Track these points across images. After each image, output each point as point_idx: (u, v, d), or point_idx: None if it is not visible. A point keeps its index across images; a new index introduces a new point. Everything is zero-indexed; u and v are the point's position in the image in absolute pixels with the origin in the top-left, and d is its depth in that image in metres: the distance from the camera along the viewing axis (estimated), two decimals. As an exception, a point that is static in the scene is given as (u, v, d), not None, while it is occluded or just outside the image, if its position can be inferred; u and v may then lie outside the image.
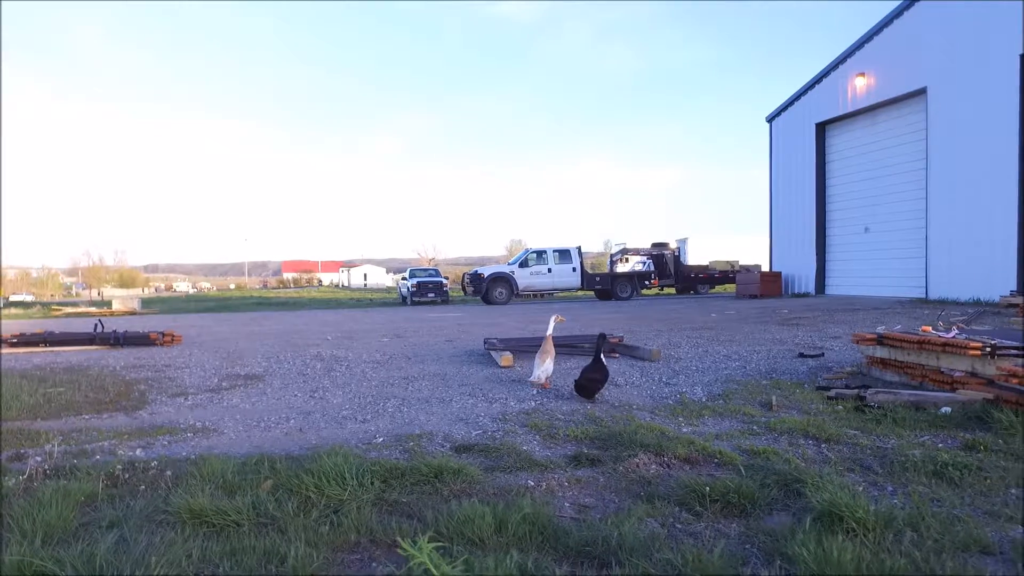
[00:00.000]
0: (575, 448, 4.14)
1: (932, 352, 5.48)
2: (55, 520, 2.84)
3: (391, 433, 4.68)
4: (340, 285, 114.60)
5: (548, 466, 3.75)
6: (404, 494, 3.28)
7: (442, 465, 3.53)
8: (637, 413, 5.07)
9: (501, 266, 28.70)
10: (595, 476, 3.59)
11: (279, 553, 2.52)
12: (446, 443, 4.36)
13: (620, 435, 4.26)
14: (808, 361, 7.52)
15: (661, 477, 3.53)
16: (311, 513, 2.97)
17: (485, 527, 2.69)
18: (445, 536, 2.69)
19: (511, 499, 3.09)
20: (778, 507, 3.06)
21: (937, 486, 3.28)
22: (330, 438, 4.58)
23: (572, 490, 3.39)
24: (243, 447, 4.37)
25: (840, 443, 4.13)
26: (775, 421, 4.66)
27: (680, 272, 32.65)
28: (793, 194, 23.85)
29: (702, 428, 4.63)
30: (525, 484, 3.44)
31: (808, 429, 4.41)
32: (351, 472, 3.37)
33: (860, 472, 3.57)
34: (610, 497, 3.28)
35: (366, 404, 5.73)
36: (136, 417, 5.45)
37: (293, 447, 4.34)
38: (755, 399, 5.49)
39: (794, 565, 2.36)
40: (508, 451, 4.04)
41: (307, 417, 5.32)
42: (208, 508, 2.94)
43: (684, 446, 3.98)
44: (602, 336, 6.05)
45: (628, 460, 3.74)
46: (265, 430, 4.92)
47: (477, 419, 5.05)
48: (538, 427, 4.67)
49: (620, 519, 2.81)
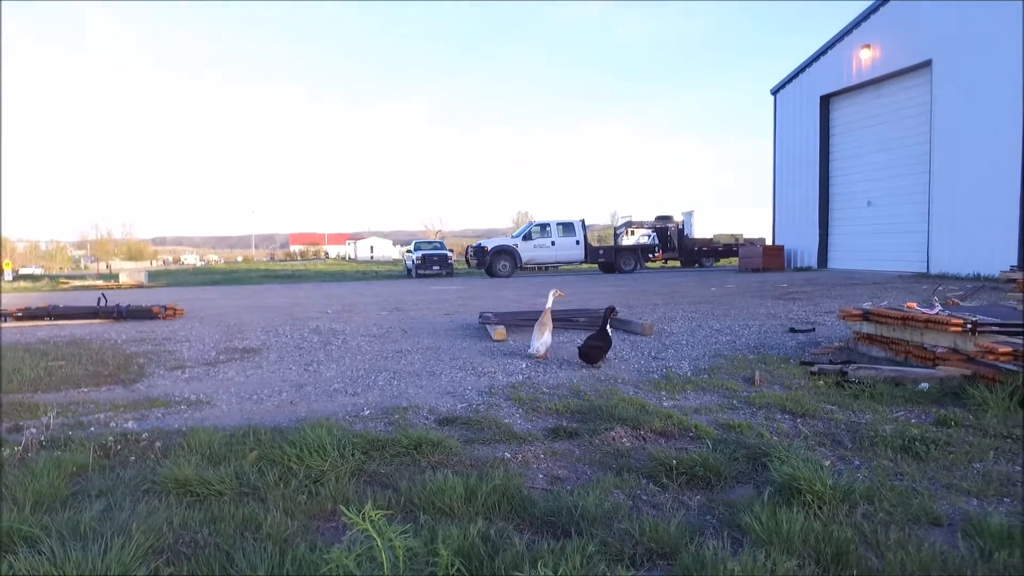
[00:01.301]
0: (555, 421, 4.24)
1: (915, 328, 5.54)
2: (46, 489, 2.96)
3: (379, 406, 4.79)
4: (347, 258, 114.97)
5: (526, 439, 3.85)
6: (383, 465, 3.39)
7: (422, 437, 3.64)
8: (621, 387, 5.17)
9: (505, 239, 28.72)
10: (571, 448, 3.70)
11: (255, 521, 2.64)
12: (431, 416, 4.48)
13: (601, 409, 4.35)
14: (798, 336, 7.60)
15: (635, 450, 3.63)
16: (291, 483, 3.09)
17: (455, 498, 2.80)
18: (417, 506, 2.80)
19: (485, 471, 3.19)
20: (744, 480, 3.16)
21: (902, 460, 3.37)
22: (320, 411, 4.69)
23: (547, 462, 3.50)
24: (234, 419, 4.49)
25: (816, 418, 4.22)
26: (755, 396, 4.75)
27: (684, 245, 32.62)
28: (797, 167, 23.74)
29: (683, 402, 4.73)
30: (502, 456, 3.55)
31: (786, 404, 4.50)
32: (333, 444, 3.48)
33: (831, 447, 3.67)
34: (583, 469, 3.39)
35: (358, 378, 5.85)
36: (133, 390, 5.58)
37: (283, 420, 4.46)
38: (739, 374, 5.58)
39: (745, 535, 2.46)
40: (490, 424, 4.15)
41: (300, 390, 5.44)
42: (193, 478, 3.06)
43: (661, 420, 4.08)
44: (611, 308, 6.49)
45: (604, 433, 3.84)
46: (257, 403, 5.04)
47: (464, 393, 5.16)
48: (522, 401, 4.77)
49: (587, 490, 2.91)
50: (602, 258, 28.46)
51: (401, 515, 2.75)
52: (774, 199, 25.41)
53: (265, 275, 37.20)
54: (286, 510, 2.78)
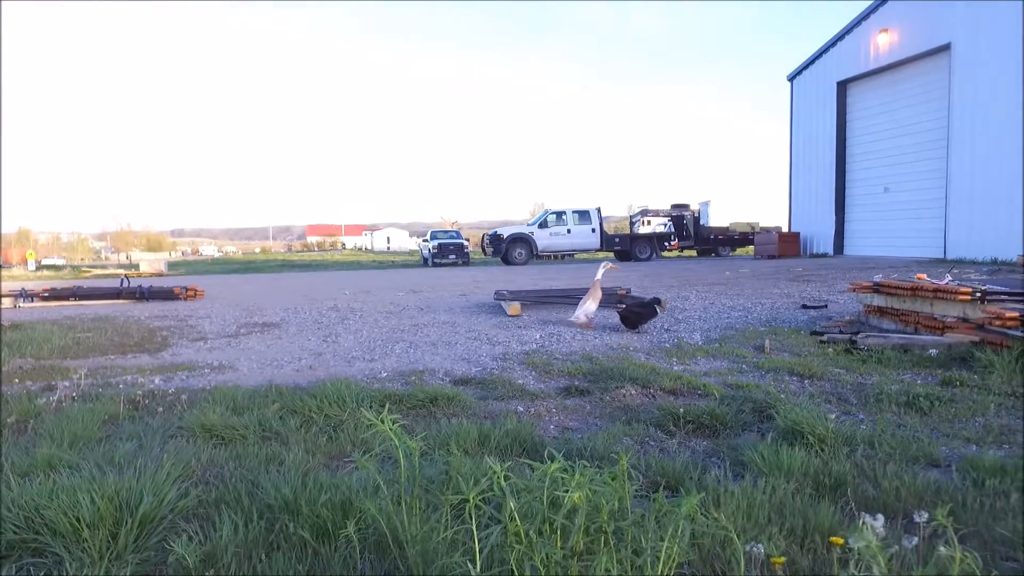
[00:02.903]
0: (568, 382, 4.35)
1: (925, 299, 5.58)
2: (81, 431, 3.12)
3: (396, 370, 4.92)
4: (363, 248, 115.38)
5: (539, 396, 3.97)
6: (401, 416, 3.50)
7: (437, 392, 3.76)
8: (633, 354, 5.27)
9: (520, 227, 28.74)
10: (582, 404, 3.81)
11: (279, 458, 2.77)
12: (446, 378, 4.60)
13: (612, 371, 4.46)
14: (810, 312, 7.65)
15: (644, 405, 3.73)
16: (311, 429, 3.22)
17: (470, 440, 2.92)
18: (433, 447, 2.92)
19: (499, 420, 3.31)
20: (749, 429, 3.25)
21: (906, 415, 3.44)
22: (338, 374, 4.82)
23: (559, 415, 3.61)
24: (256, 381, 4.63)
25: (823, 380, 4.30)
26: (765, 361, 4.84)
27: (700, 234, 32.50)
28: (813, 154, 23.60)
29: (693, 367, 4.82)
30: (515, 410, 3.67)
31: (794, 368, 4.58)
32: (351, 397, 3.62)
33: (836, 403, 3.74)
34: (593, 421, 3.50)
35: (375, 347, 5.99)
36: (158, 357, 5.75)
37: (302, 381, 4.60)
38: (749, 343, 5.66)
39: (746, 468, 2.56)
40: (503, 384, 4.27)
41: (318, 357, 5.58)
42: (218, 424, 3.21)
43: (671, 380, 4.18)
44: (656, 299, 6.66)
45: (615, 391, 3.95)
46: (278, 368, 5.19)
47: (479, 359, 5.28)
48: (535, 365, 4.89)
49: (596, 436, 3.02)
50: (618, 246, 28.43)
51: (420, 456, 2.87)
52: (790, 186, 25.28)
53: (283, 264, 37.51)
54: (307, 450, 2.91)
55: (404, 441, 1.92)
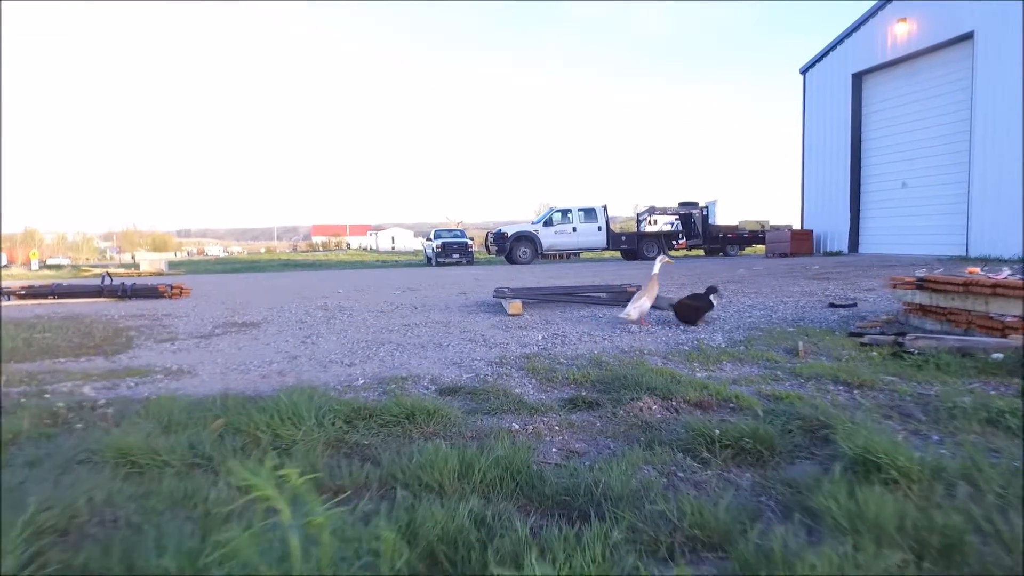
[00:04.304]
0: (573, 391, 3.70)
1: (980, 296, 4.91)
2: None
3: (376, 376, 4.27)
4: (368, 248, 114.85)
5: (539, 409, 3.31)
6: (368, 435, 2.87)
7: (416, 405, 3.10)
8: (648, 358, 4.61)
9: (525, 225, 28.04)
10: (591, 420, 3.15)
11: (198, 496, 2.12)
12: (432, 386, 3.95)
13: (625, 379, 3.79)
14: (839, 311, 6.97)
15: (666, 422, 3.07)
16: (252, 453, 2.57)
17: (447, 472, 2.27)
18: (399, 481, 2.27)
19: (487, 443, 2.66)
20: (801, 455, 2.59)
21: (993, 435, 2.78)
22: (310, 380, 4.18)
23: (562, 435, 2.95)
24: (212, 389, 3.99)
25: (875, 389, 3.63)
26: (801, 367, 4.17)
27: (708, 232, 31.73)
28: (827, 149, 22.85)
29: (719, 373, 4.16)
30: (509, 427, 3.02)
31: (839, 374, 3.91)
32: (311, 411, 2.97)
33: (899, 419, 3.08)
34: (605, 442, 2.84)
35: (358, 350, 5.34)
36: (113, 361, 5.12)
37: (266, 389, 3.96)
38: (779, 345, 4.99)
39: (818, 520, 1.90)
40: (497, 394, 3.62)
41: (292, 361, 4.94)
42: (138, 447, 2.56)
43: (696, 390, 3.51)
44: (712, 288, 6.21)
45: (630, 404, 3.29)
46: (243, 373, 4.55)
47: (472, 363, 4.63)
48: (536, 371, 4.23)
49: (610, 465, 2.36)
50: (624, 245, 27.77)
51: (378, 491, 2.23)
52: (802, 182, 24.54)
53: (285, 264, 36.97)
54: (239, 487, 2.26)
55: (307, 511, 1.25)
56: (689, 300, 6.17)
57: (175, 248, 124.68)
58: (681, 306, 6.12)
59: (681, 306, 6.12)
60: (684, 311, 6.08)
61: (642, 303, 6.10)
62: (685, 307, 6.10)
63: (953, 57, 17.72)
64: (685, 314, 6.06)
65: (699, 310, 6.05)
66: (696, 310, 6.05)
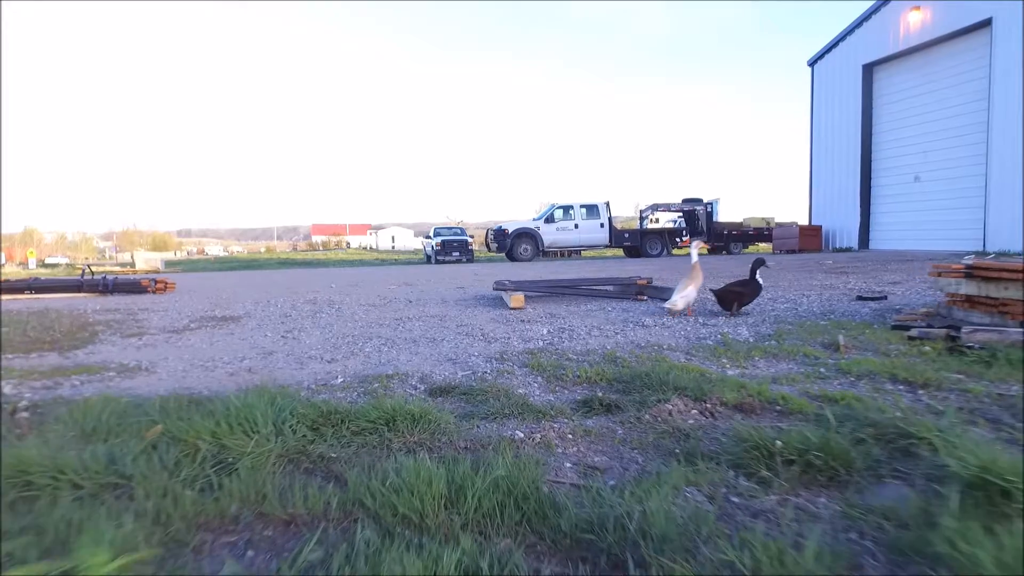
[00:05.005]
0: (587, 391, 3.14)
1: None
2: None
3: (358, 374, 3.72)
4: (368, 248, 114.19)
5: (548, 413, 2.75)
6: (338, 447, 2.32)
7: (397, 408, 2.55)
8: (668, 353, 4.05)
9: (526, 222, 27.43)
10: (611, 426, 2.59)
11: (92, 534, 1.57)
12: (421, 385, 3.39)
13: (647, 376, 3.23)
14: (869, 304, 6.41)
15: (704, 428, 2.52)
16: (183, 471, 2.02)
17: (431, 497, 1.72)
18: (367, 510, 1.72)
19: (485, 456, 2.11)
20: (884, 471, 2.04)
21: (1112, 445, 2.22)
22: (283, 379, 3.64)
23: (578, 445, 2.40)
24: (168, 388, 3.45)
25: (942, 389, 3.07)
26: (848, 363, 3.61)
27: (712, 229, 31.13)
28: (836, 143, 22.26)
29: (753, 371, 3.60)
30: (512, 435, 2.46)
31: (895, 372, 3.35)
32: (269, 416, 2.41)
33: (986, 426, 2.52)
34: (631, 455, 2.29)
35: (342, 345, 4.79)
36: (69, 357, 4.57)
37: (231, 388, 3.40)
38: (815, 339, 4.43)
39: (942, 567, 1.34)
40: (497, 394, 3.06)
41: (267, 357, 4.39)
42: (39, 462, 2.01)
43: (733, 390, 2.96)
44: (759, 260, 5.88)
45: (657, 406, 2.73)
46: (208, 370, 4.00)
47: (468, 359, 4.08)
48: (542, 368, 3.67)
49: (645, 488, 1.81)
50: (627, 242, 27.15)
51: (339, 524, 1.68)
52: (810, 177, 23.95)
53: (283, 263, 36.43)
54: (157, 515, 1.71)
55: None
56: (737, 287, 5.74)
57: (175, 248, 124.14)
58: (727, 293, 5.70)
59: (727, 293, 5.70)
60: (728, 296, 5.69)
61: (688, 292, 5.74)
62: (731, 294, 5.69)
63: (970, 45, 17.14)
64: (729, 300, 5.69)
65: (744, 295, 5.68)
66: (741, 295, 5.68)
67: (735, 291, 5.69)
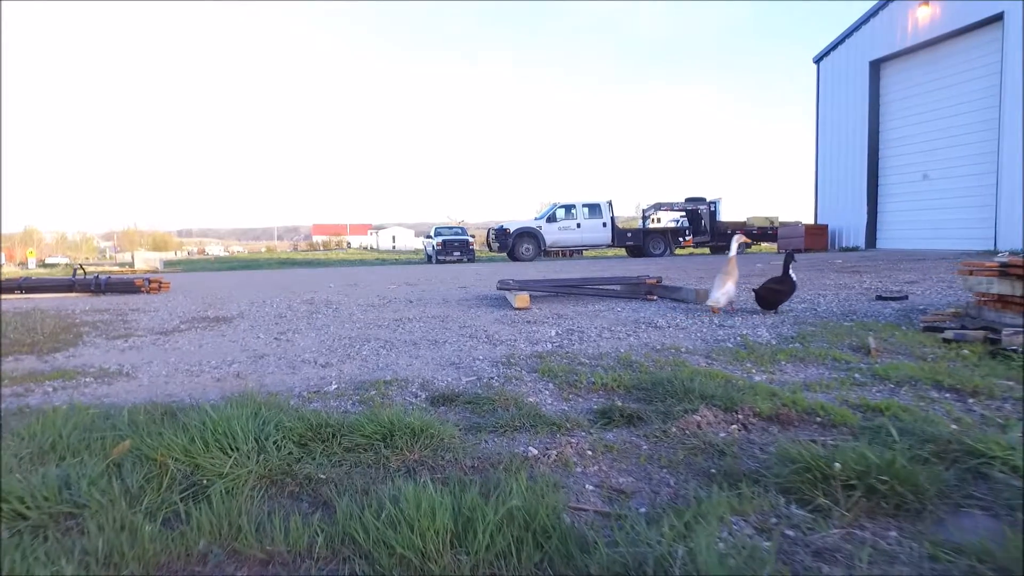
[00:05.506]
0: (604, 400, 2.87)
1: (1085, 282, 4.07)
2: None
3: (353, 380, 3.45)
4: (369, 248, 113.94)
5: (563, 425, 2.48)
6: (328, 466, 2.05)
7: (395, 421, 2.27)
8: (687, 357, 3.78)
9: (528, 221, 27.14)
10: (635, 441, 2.32)
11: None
12: (422, 392, 3.12)
13: (668, 383, 2.96)
14: (890, 304, 6.13)
15: (740, 443, 2.24)
16: (146, 498, 1.74)
17: (434, 532, 1.45)
18: (358, 546, 1.45)
19: (496, 478, 1.84)
20: (959, 498, 1.76)
21: None
22: (272, 385, 3.37)
23: (599, 463, 2.12)
24: (147, 395, 3.18)
25: (995, 398, 2.80)
26: (882, 368, 3.33)
27: (716, 229, 30.84)
28: (842, 141, 21.96)
29: (781, 376, 3.32)
30: (524, 452, 2.19)
31: (938, 378, 3.07)
32: (248, 430, 2.14)
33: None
34: (660, 475, 2.01)
35: (337, 347, 4.52)
36: (46, 360, 4.31)
37: (215, 396, 3.14)
38: (842, 342, 4.16)
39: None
40: (506, 403, 2.79)
41: (257, 361, 4.12)
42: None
43: (765, 398, 2.68)
44: (790, 254, 5.71)
45: (684, 417, 2.46)
46: (193, 376, 3.73)
47: (473, 363, 3.80)
48: (553, 373, 3.40)
49: (686, 520, 1.53)
50: (630, 241, 26.87)
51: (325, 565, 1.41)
52: (816, 176, 23.64)
53: (284, 262, 36.19)
54: (108, 555, 1.44)
55: None
56: (775, 284, 5.52)
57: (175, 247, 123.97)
58: (766, 291, 5.49)
59: (766, 291, 5.49)
60: (767, 295, 5.48)
61: (728, 288, 5.55)
62: (771, 292, 5.48)
63: (980, 41, 16.83)
64: (768, 299, 5.49)
65: (782, 293, 5.49)
66: (779, 293, 5.49)
67: (775, 288, 5.47)
